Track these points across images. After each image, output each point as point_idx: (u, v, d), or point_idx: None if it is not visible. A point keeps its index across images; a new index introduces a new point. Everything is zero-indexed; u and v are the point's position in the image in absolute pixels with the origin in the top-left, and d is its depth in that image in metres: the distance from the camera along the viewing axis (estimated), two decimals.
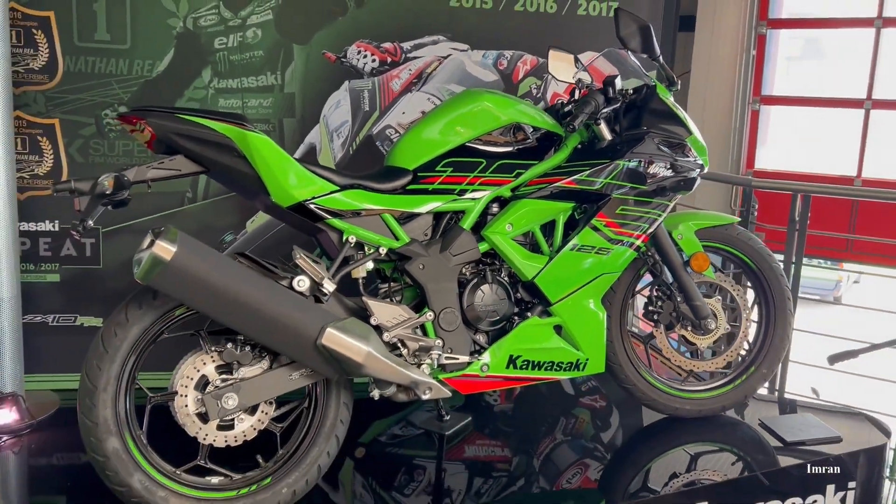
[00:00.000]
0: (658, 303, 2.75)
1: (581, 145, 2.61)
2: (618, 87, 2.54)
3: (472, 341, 2.44)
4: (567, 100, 2.68)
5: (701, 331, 2.73)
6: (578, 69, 2.64)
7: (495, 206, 2.51)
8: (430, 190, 2.41)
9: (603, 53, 3.52)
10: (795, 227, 3.62)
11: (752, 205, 3.82)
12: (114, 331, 2.10)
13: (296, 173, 2.22)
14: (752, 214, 3.80)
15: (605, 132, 2.53)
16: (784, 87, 8.69)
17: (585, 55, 3.55)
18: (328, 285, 2.20)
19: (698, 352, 2.78)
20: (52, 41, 3.19)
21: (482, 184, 2.44)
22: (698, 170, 2.64)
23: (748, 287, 2.95)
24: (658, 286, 2.75)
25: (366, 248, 2.34)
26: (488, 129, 2.47)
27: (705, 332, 2.73)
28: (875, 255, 6.93)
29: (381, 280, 2.48)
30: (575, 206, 2.56)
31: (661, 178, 2.56)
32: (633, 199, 2.54)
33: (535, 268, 2.46)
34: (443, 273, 2.39)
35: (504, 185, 2.47)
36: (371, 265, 2.34)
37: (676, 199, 2.63)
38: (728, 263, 2.95)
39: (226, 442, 2.20)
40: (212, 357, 2.18)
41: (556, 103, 2.73)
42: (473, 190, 2.43)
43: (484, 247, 2.47)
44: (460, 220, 2.46)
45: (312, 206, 2.25)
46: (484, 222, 2.49)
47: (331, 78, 3.41)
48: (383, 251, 2.35)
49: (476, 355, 2.43)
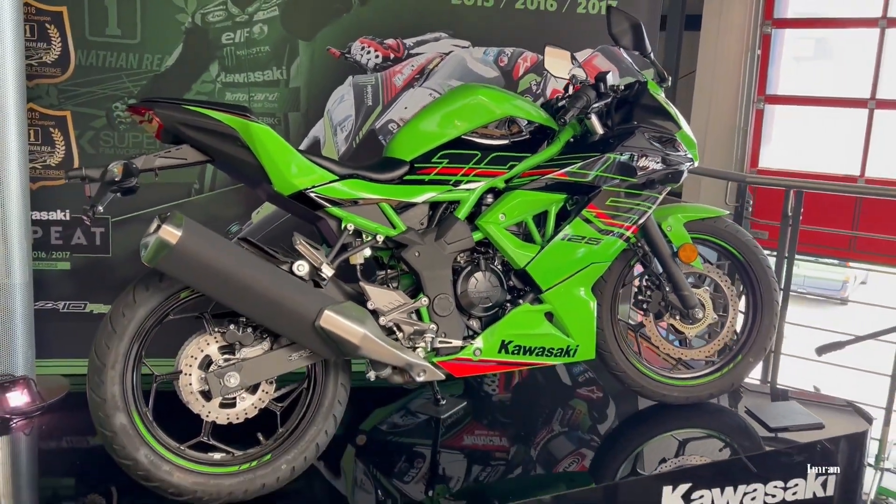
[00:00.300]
0: (647, 292, 2.82)
1: (574, 139, 2.67)
2: (609, 83, 2.61)
3: (465, 326, 2.52)
4: (561, 95, 2.75)
5: (689, 320, 2.79)
6: (574, 66, 2.72)
7: (490, 196, 2.58)
8: (427, 180, 2.47)
9: (598, 49, 3.58)
10: (788, 222, 3.68)
11: (747, 200, 3.88)
12: (122, 311, 2.19)
13: (297, 163, 2.29)
14: (748, 210, 3.85)
15: (597, 126, 2.60)
16: (794, 88, 8.71)
17: (585, 52, 3.62)
18: (327, 270, 2.28)
19: (687, 340, 2.85)
20: (65, 36, 3.25)
21: (477, 175, 2.51)
22: (688, 163, 2.71)
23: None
24: (648, 276, 2.82)
25: (363, 236, 2.41)
26: (483, 122, 2.54)
27: (693, 322, 2.79)
28: (882, 255, 6.96)
29: (378, 267, 2.55)
30: (567, 197, 2.62)
31: (651, 172, 2.62)
32: (624, 192, 2.60)
33: (527, 256, 2.54)
34: (438, 260, 2.47)
35: (498, 177, 2.54)
36: (368, 252, 2.42)
37: (666, 191, 2.70)
38: (722, 258, 3.01)
39: (228, 419, 2.28)
40: (215, 338, 2.26)
41: (552, 98, 2.81)
42: (468, 181, 2.50)
43: (478, 236, 2.54)
44: (455, 209, 2.52)
45: (312, 195, 2.32)
46: (478, 212, 2.56)
47: (335, 73, 3.46)
48: (380, 239, 2.42)
49: (469, 340, 2.50)
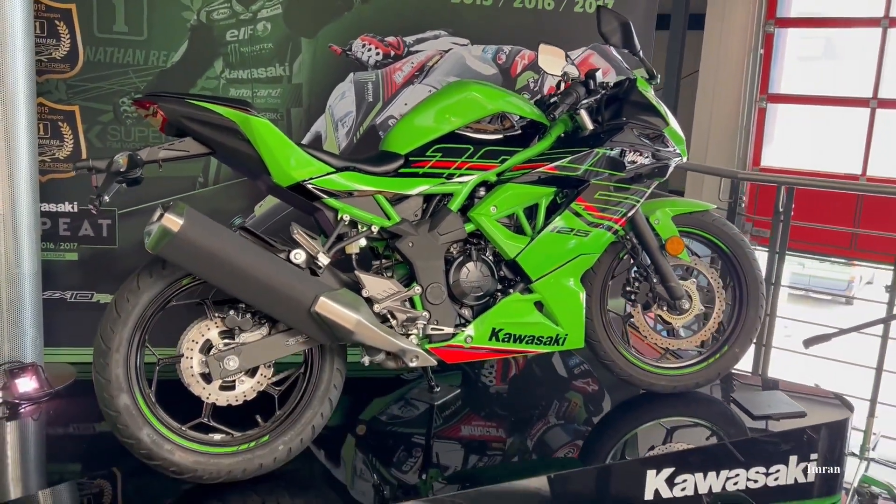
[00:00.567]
0: (635, 284, 2.89)
1: (565, 134, 2.73)
2: (598, 80, 2.69)
3: (457, 314, 2.59)
4: (554, 92, 2.83)
5: (676, 311, 2.86)
6: (567, 63, 2.79)
7: (482, 189, 2.65)
8: (421, 173, 2.55)
9: (590, 48, 3.63)
10: (780, 218, 3.75)
11: (740, 196, 3.95)
12: (126, 297, 2.27)
13: (295, 155, 2.37)
14: (740, 206, 3.92)
15: (587, 122, 2.66)
16: (804, 87, 8.73)
17: (581, 51, 3.68)
18: (323, 259, 2.36)
19: (674, 330, 2.93)
20: (74, 32, 3.30)
21: (469, 168, 2.58)
22: (676, 158, 2.78)
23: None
24: (636, 268, 2.90)
25: (359, 226, 2.48)
26: (476, 117, 2.61)
27: (680, 312, 2.86)
28: (886, 255, 6.99)
29: (374, 257, 2.63)
30: (557, 190, 2.69)
31: (639, 166, 2.69)
32: (612, 185, 2.67)
33: (518, 247, 2.61)
34: (431, 251, 2.55)
35: (490, 170, 2.61)
36: (364, 242, 2.49)
37: (654, 185, 2.77)
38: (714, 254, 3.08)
39: (227, 402, 2.36)
40: (216, 323, 2.34)
41: (546, 95, 2.88)
42: (461, 174, 2.58)
43: (470, 227, 2.61)
44: (448, 202, 2.59)
45: (310, 186, 2.40)
46: (471, 204, 2.63)
47: (336, 70, 3.52)
48: (375, 229, 2.49)
49: (461, 327, 2.58)
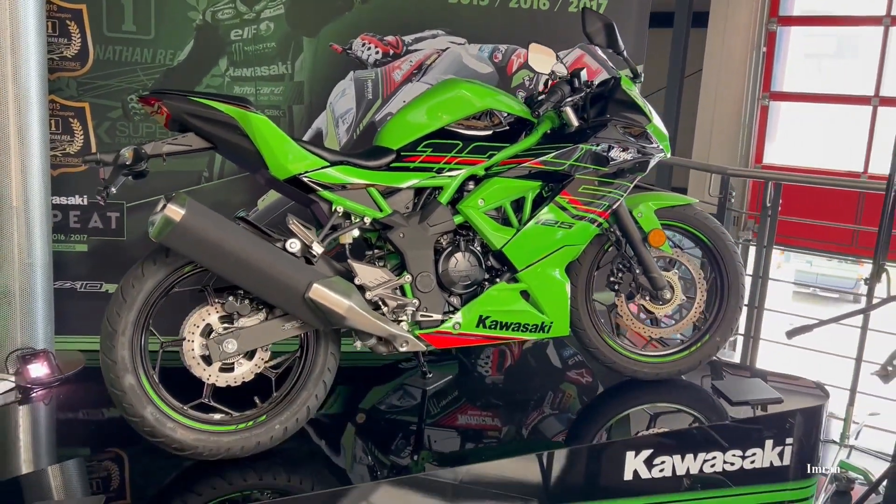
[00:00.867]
0: (619, 274, 2.99)
1: (552, 131, 2.83)
2: (583, 79, 2.80)
3: (445, 302, 2.71)
4: (541, 90, 2.94)
5: (658, 301, 2.97)
6: (556, 62, 2.90)
7: (471, 183, 2.76)
8: (412, 168, 2.66)
9: (578, 47, 3.70)
10: (768, 213, 3.84)
11: (730, 191, 4.04)
12: (132, 283, 2.39)
13: (291, 150, 2.49)
14: (730, 201, 4.02)
15: (573, 119, 2.77)
16: (810, 84, 8.76)
17: (574, 52, 3.77)
18: (317, 248, 2.48)
19: (657, 320, 3.03)
20: (84, 32, 3.40)
21: (458, 163, 2.69)
22: (659, 155, 2.89)
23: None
24: (620, 259, 3.00)
25: (352, 218, 2.60)
26: (465, 114, 2.72)
27: (662, 302, 2.97)
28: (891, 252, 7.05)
29: (367, 247, 2.74)
30: (543, 184, 2.80)
31: (622, 162, 2.80)
32: (596, 180, 2.78)
33: (504, 239, 2.72)
34: (421, 241, 2.66)
35: (478, 165, 2.72)
36: (357, 232, 2.61)
37: (637, 180, 2.88)
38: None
39: (227, 383, 2.48)
40: (216, 308, 2.46)
41: (533, 93, 2.99)
42: (450, 169, 2.69)
43: (459, 219, 2.72)
44: (438, 195, 2.71)
45: (305, 179, 2.52)
46: (460, 197, 2.74)
47: (337, 68, 3.61)
48: (368, 221, 2.61)
49: (449, 314, 2.69)
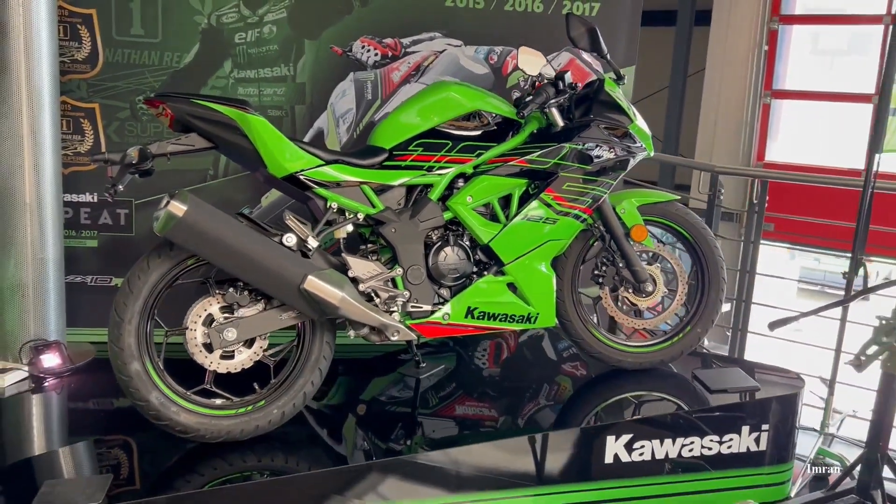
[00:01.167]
0: (603, 268, 3.11)
1: (539, 130, 2.95)
2: (567, 81, 2.93)
3: (435, 294, 2.83)
4: (528, 91, 3.06)
5: (641, 293, 3.09)
6: (545, 65, 3.02)
7: (460, 181, 2.88)
8: (403, 166, 2.79)
9: (565, 50, 3.79)
10: (755, 209, 3.94)
11: (719, 189, 4.14)
12: (137, 275, 2.53)
13: (288, 149, 2.62)
14: (719, 199, 4.11)
15: (558, 119, 2.88)
16: (817, 82, 8.79)
17: (564, 55, 3.88)
18: (312, 242, 2.61)
19: (640, 311, 3.15)
20: (94, 35, 3.52)
21: (448, 162, 2.82)
22: (641, 153, 3.01)
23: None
24: (604, 254, 3.11)
25: (346, 214, 2.73)
26: (454, 115, 2.84)
27: (645, 295, 3.09)
28: (889, 248, 7.10)
29: (361, 241, 2.88)
30: (529, 182, 2.91)
31: (605, 160, 2.91)
32: (579, 178, 2.89)
33: (491, 233, 2.84)
34: (411, 236, 2.79)
35: (467, 164, 2.84)
36: (351, 228, 2.74)
37: (619, 177, 3.00)
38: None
39: (227, 370, 2.61)
40: (217, 299, 2.59)
41: (523, 94, 3.11)
42: (440, 167, 2.82)
43: (448, 215, 2.85)
44: (429, 192, 2.83)
45: (301, 177, 2.65)
46: (450, 194, 2.86)
47: (338, 70, 3.72)
48: (361, 216, 2.74)
49: (439, 306, 2.82)
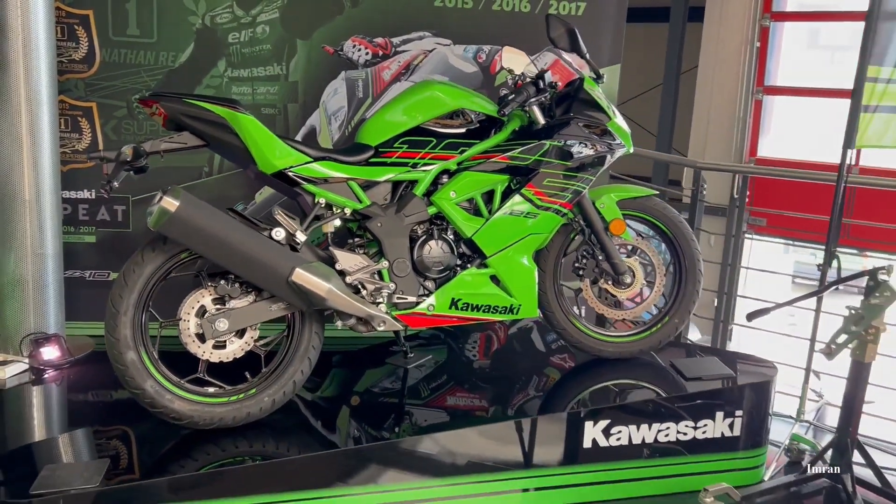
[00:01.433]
0: (584, 261, 3.20)
1: (521, 128, 3.04)
2: (548, 80, 3.02)
3: (420, 286, 2.93)
4: (511, 90, 3.15)
5: (620, 285, 3.18)
6: (528, 64, 3.11)
7: (445, 177, 2.97)
8: (389, 163, 2.88)
9: (546, 50, 3.85)
10: (736, 204, 4.03)
11: (702, 184, 4.23)
12: (132, 268, 2.63)
13: (277, 147, 2.71)
14: (702, 193, 4.20)
15: (539, 117, 2.98)
16: (827, 77, 8.83)
17: (548, 56, 3.96)
18: (300, 236, 2.71)
19: (619, 302, 3.25)
20: (91, 36, 3.61)
21: (432, 158, 2.91)
22: (620, 150, 3.10)
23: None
24: (584, 247, 3.20)
25: (334, 209, 2.83)
26: (438, 113, 2.93)
27: (624, 286, 3.18)
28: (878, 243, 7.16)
29: (349, 236, 2.97)
30: (511, 178, 3.00)
31: (584, 157, 3.00)
32: (560, 173, 2.98)
33: (474, 227, 2.94)
34: (397, 230, 2.88)
35: (450, 160, 2.93)
36: (338, 222, 2.83)
37: (598, 173, 3.09)
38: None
39: (220, 359, 2.71)
40: (209, 291, 2.69)
41: (505, 93, 3.20)
42: (425, 163, 2.91)
43: (433, 210, 2.94)
44: (414, 187, 2.93)
45: (290, 174, 2.74)
46: (434, 190, 2.96)
47: (329, 69, 3.80)
48: (348, 211, 2.84)
49: (424, 297, 2.91)
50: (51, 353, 3.37)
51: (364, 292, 2.84)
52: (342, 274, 2.80)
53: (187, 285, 2.75)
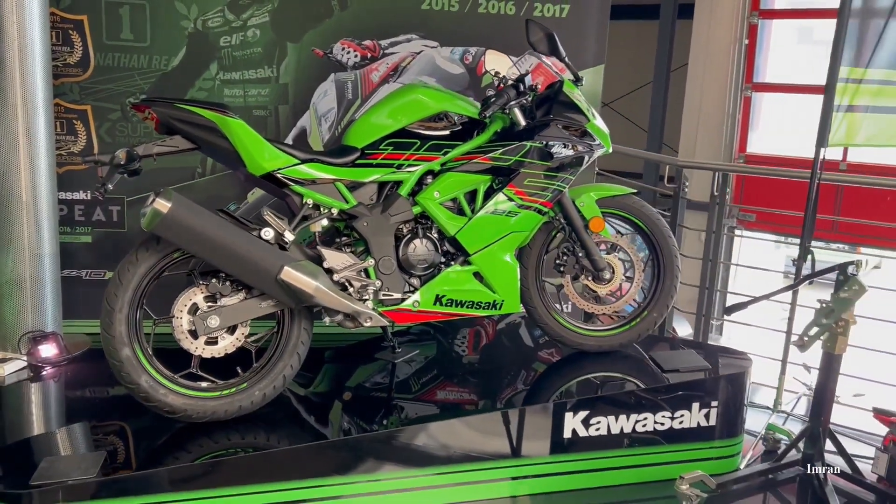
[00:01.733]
0: (564, 258, 3.29)
1: (503, 129, 3.12)
2: (528, 84, 3.11)
3: (406, 283, 3.02)
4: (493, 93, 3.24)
5: (600, 281, 3.27)
6: (510, 66, 3.19)
7: (429, 177, 3.06)
8: (375, 164, 2.97)
9: (528, 53, 3.93)
10: (716, 201, 4.12)
11: (684, 182, 4.32)
12: (127, 267, 2.71)
13: (266, 149, 2.79)
14: (684, 190, 4.29)
15: (520, 119, 3.06)
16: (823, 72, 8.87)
17: (532, 60, 4.05)
18: (289, 235, 2.80)
19: (599, 297, 3.34)
20: (85, 40, 3.68)
21: (416, 160, 3.00)
22: (599, 150, 3.19)
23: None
24: (565, 244, 3.29)
25: (321, 209, 2.91)
26: (422, 116, 3.01)
27: (603, 282, 3.27)
28: (869, 238, 7.26)
29: (337, 235, 3.06)
30: (493, 178, 3.09)
31: (564, 157, 3.09)
32: (540, 173, 3.07)
33: (457, 226, 3.02)
34: (383, 229, 2.97)
35: (434, 161, 3.02)
36: (326, 222, 2.92)
37: (578, 172, 3.18)
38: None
39: (212, 354, 2.79)
40: (201, 290, 2.77)
41: (488, 95, 3.28)
42: (409, 165, 3.00)
43: (417, 209, 3.03)
44: (399, 188, 3.01)
45: (279, 176, 2.82)
46: (419, 190, 3.04)
47: (319, 71, 3.88)
48: (335, 212, 2.92)
49: (409, 294, 3.00)
50: (48, 350, 3.44)
51: (351, 289, 2.93)
52: (330, 272, 2.89)
53: (180, 284, 2.83)
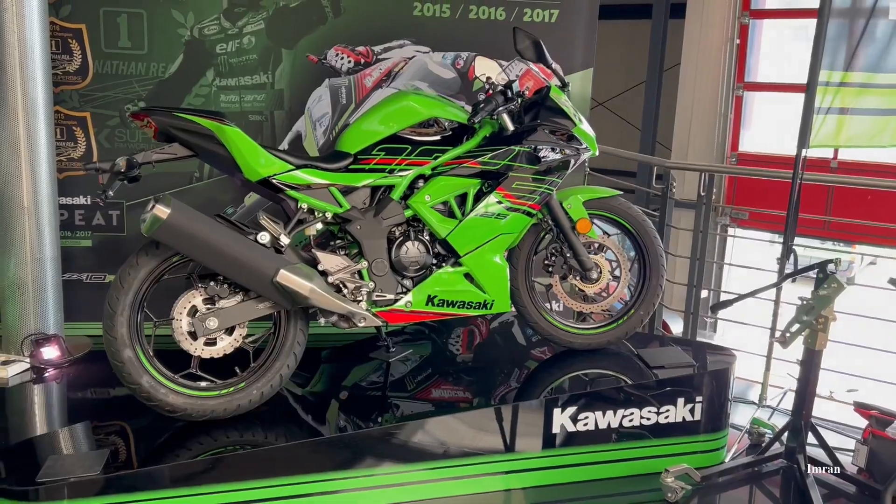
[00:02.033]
0: (553, 258, 3.37)
1: (493, 134, 3.20)
2: (515, 90, 3.19)
3: (398, 284, 3.10)
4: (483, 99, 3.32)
5: (587, 280, 3.35)
6: (499, 72, 3.27)
7: (420, 181, 3.13)
8: (367, 169, 3.05)
9: (516, 60, 3.97)
10: (703, 201, 4.20)
11: (671, 182, 4.40)
12: (128, 271, 2.80)
13: (261, 156, 2.87)
14: (671, 190, 4.37)
15: (509, 124, 3.12)
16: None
17: (521, 66, 4.11)
18: (284, 239, 2.88)
19: (587, 296, 3.43)
20: (84, 48, 3.74)
21: (408, 164, 3.07)
22: (586, 154, 3.27)
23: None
24: (554, 245, 3.37)
25: (316, 213, 3.00)
26: (412, 122, 3.09)
27: (591, 282, 3.36)
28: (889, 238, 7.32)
29: (331, 238, 3.14)
30: (482, 181, 3.17)
31: (551, 161, 3.17)
32: (528, 177, 3.15)
33: (448, 228, 3.10)
34: (375, 232, 3.05)
35: (425, 166, 3.10)
36: (320, 226, 3.00)
37: (565, 175, 3.27)
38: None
39: (211, 355, 2.88)
40: (200, 292, 2.86)
41: (477, 101, 3.36)
42: (401, 169, 3.07)
43: (409, 213, 3.11)
44: (391, 192, 3.09)
45: (274, 181, 2.90)
46: (411, 194, 3.12)
47: (314, 76, 3.95)
48: (329, 215, 3.00)
49: (402, 295, 3.09)
50: (51, 352, 3.50)
51: (345, 291, 3.01)
52: (324, 274, 2.97)
53: (179, 287, 2.91)
